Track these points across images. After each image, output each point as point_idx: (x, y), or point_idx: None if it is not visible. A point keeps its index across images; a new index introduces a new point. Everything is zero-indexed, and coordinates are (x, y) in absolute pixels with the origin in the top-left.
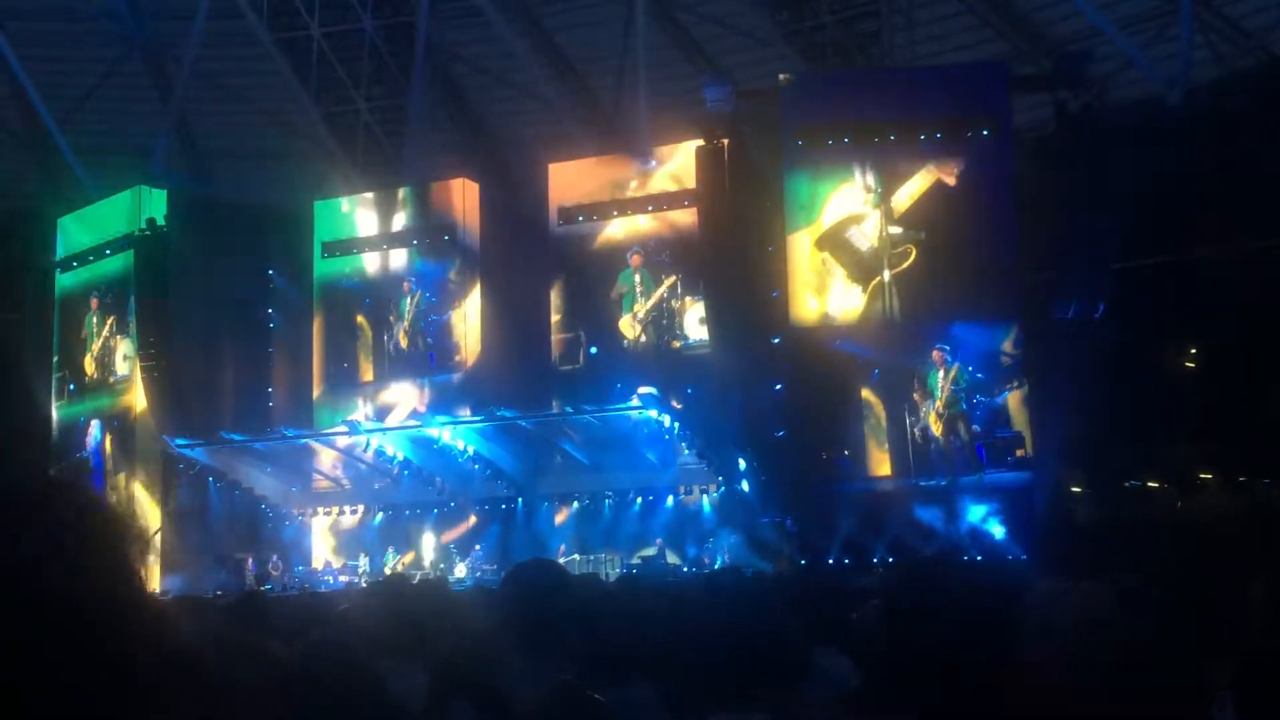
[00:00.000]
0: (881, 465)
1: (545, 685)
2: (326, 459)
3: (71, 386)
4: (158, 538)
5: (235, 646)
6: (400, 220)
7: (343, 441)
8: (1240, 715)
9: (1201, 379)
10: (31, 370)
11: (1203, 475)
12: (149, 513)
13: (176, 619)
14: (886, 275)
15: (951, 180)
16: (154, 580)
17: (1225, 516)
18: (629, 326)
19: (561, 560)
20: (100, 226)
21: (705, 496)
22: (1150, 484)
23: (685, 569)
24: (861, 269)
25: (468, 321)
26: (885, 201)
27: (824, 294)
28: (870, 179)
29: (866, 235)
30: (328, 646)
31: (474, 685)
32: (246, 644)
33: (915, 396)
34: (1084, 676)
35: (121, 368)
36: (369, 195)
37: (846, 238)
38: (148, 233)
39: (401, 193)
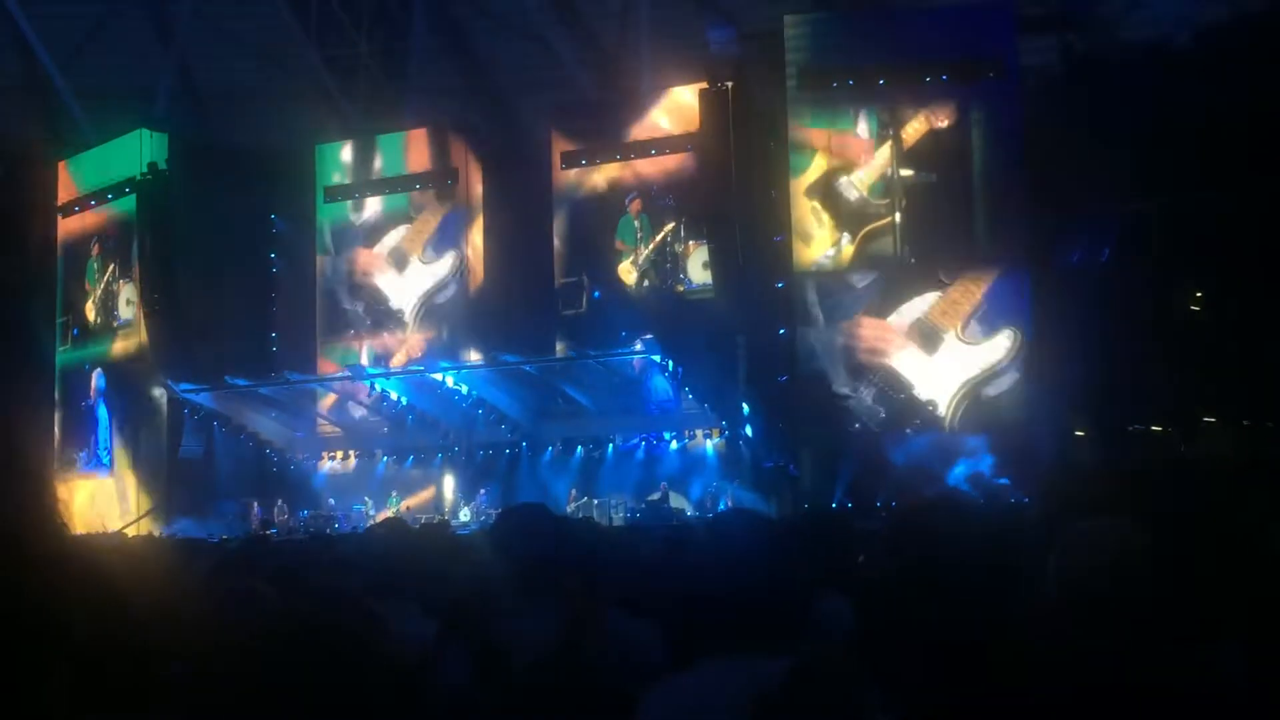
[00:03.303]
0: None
1: (544, 628)
2: (330, 403)
3: (75, 332)
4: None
5: (229, 592)
6: (402, 164)
7: (347, 386)
8: (1249, 658)
9: (1207, 322)
10: (35, 317)
11: (1207, 419)
12: (152, 459)
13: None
14: (898, 217)
15: (958, 123)
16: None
17: (1228, 460)
18: (630, 272)
19: (571, 505)
20: (101, 170)
21: (709, 441)
22: (1154, 428)
23: (690, 513)
24: (857, 214)
25: (472, 265)
26: (895, 143)
27: (824, 239)
28: (877, 121)
29: (870, 179)
30: (328, 592)
31: (473, 629)
32: (240, 589)
33: None
34: (1095, 619)
35: (125, 313)
36: (371, 139)
37: (850, 181)
38: (149, 177)
39: (404, 136)
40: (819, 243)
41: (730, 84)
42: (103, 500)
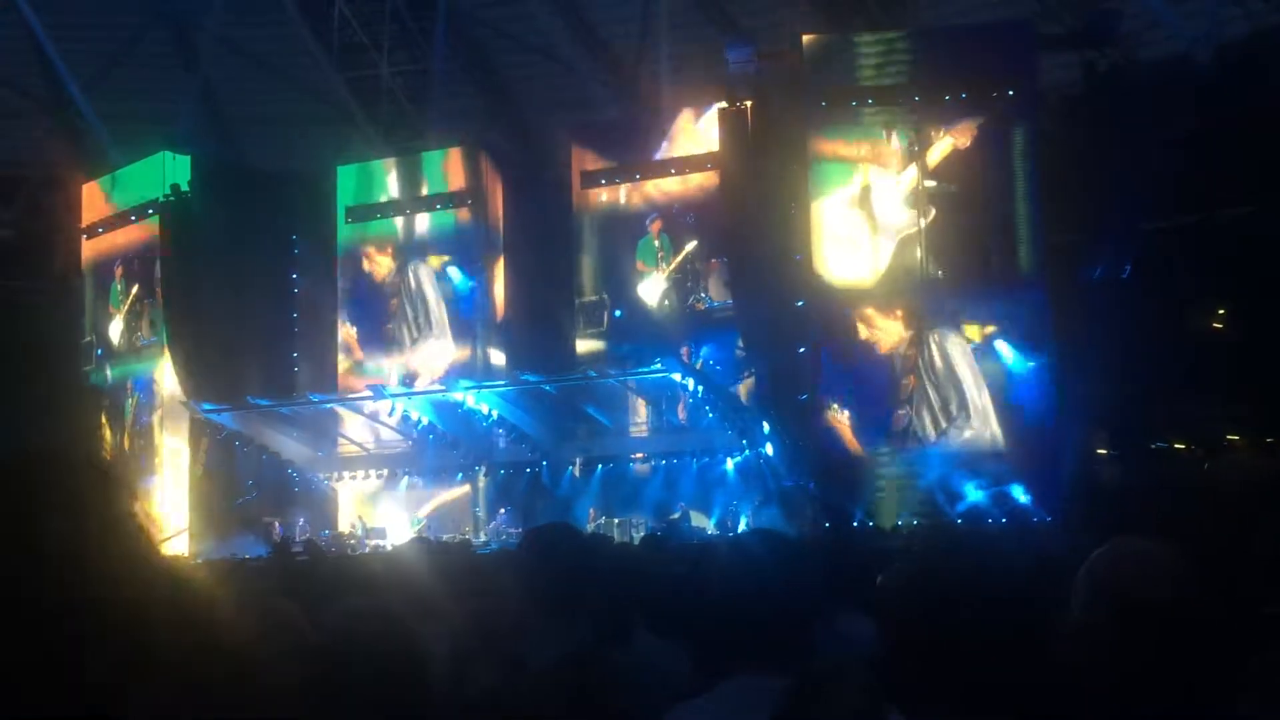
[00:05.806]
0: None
1: (560, 648)
2: (352, 423)
3: (99, 353)
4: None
5: (262, 610)
6: (423, 185)
7: (368, 406)
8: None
9: (1230, 340)
10: (62, 338)
11: (1230, 437)
12: (175, 479)
13: (192, 578)
14: (922, 223)
15: (979, 141)
16: (172, 543)
17: (1254, 479)
18: (651, 292)
19: (591, 525)
20: (125, 193)
21: (730, 460)
22: (1177, 446)
23: (710, 533)
24: (887, 229)
25: (493, 285)
26: (919, 160)
27: (851, 255)
28: (897, 140)
29: (894, 196)
30: (365, 609)
31: (494, 647)
32: (274, 608)
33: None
34: (1134, 640)
35: (147, 334)
36: (392, 160)
37: (872, 199)
38: (172, 199)
39: (425, 157)
40: (861, 254)
41: (749, 103)
42: None
